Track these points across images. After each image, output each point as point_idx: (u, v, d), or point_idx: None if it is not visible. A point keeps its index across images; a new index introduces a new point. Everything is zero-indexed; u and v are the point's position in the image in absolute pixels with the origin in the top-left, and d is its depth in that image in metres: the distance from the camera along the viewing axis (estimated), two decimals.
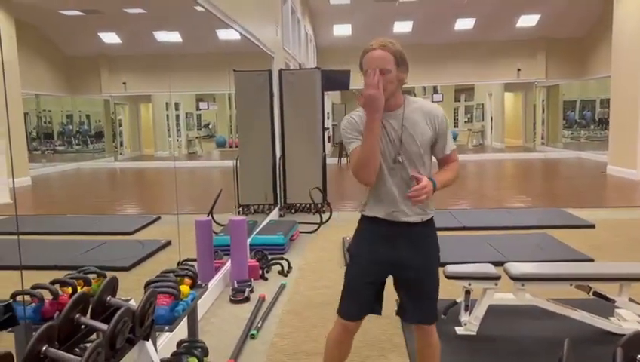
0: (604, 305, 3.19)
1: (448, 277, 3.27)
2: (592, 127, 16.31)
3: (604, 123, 14.51)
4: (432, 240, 2.14)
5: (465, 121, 26.00)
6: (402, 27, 15.88)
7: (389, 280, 2.17)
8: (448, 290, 3.75)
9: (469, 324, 3.18)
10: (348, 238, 5.46)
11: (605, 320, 3.13)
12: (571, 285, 3.16)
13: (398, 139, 2.00)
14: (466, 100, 26.01)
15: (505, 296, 3.24)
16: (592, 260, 4.61)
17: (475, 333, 3.15)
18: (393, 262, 2.08)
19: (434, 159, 2.13)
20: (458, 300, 3.29)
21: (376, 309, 2.16)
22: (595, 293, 3.16)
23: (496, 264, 3.38)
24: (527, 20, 15.44)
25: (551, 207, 7.27)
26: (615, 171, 10.61)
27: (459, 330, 3.21)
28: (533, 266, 3.45)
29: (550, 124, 17.63)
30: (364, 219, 2.14)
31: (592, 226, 6.01)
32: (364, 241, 2.13)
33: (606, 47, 12.12)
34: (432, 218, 2.12)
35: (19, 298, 1.97)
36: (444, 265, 3.40)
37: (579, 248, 4.99)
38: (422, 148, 2.02)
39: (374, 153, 1.95)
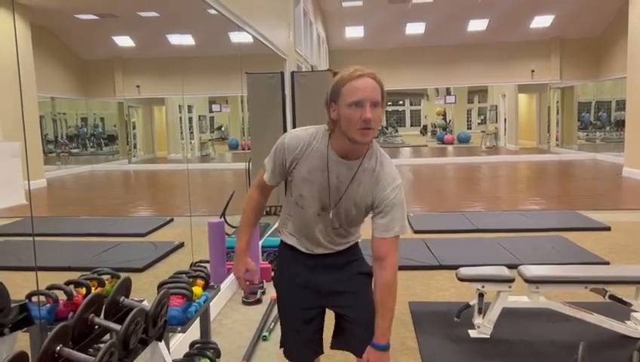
0: (620, 309, 3.14)
1: (461, 279, 3.25)
2: (607, 128, 16.12)
3: (620, 124, 14.32)
4: (358, 263, 1.88)
5: (478, 123, 25.90)
6: (415, 29, 15.84)
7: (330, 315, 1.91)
8: (462, 293, 3.73)
9: (482, 327, 3.15)
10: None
11: (621, 324, 3.09)
12: (586, 288, 3.12)
13: (338, 191, 1.70)
14: (479, 102, 25.91)
15: (519, 298, 3.21)
16: (607, 263, 4.56)
17: (488, 336, 3.12)
18: (320, 291, 1.83)
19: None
20: (471, 303, 3.26)
21: (319, 350, 1.91)
22: (611, 296, 3.11)
23: (511, 266, 3.35)
24: (541, 21, 15.31)
25: (566, 210, 7.19)
26: (631, 173, 10.46)
27: (472, 333, 3.19)
28: (547, 269, 3.41)
29: (565, 125, 17.46)
30: (282, 245, 1.92)
31: (608, 229, 5.94)
32: (285, 273, 1.92)
33: (622, 47, 11.98)
34: (356, 243, 1.88)
35: (34, 298, 1.99)
36: (457, 267, 3.38)
37: (594, 251, 4.94)
38: (359, 211, 1.73)
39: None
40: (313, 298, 1.84)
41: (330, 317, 1.91)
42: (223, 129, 21.98)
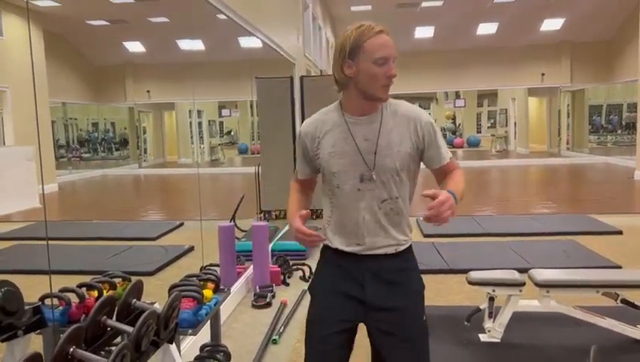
0: (633, 313, 3.11)
1: (472, 283, 3.23)
2: (618, 131, 16.00)
3: (631, 127, 14.23)
4: (411, 275, 1.69)
5: (488, 127, 25.79)
6: (424, 33, 15.83)
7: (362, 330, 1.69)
8: (472, 297, 3.72)
9: (493, 331, 3.13)
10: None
11: (633, 329, 3.05)
12: (598, 292, 3.10)
13: (370, 151, 1.59)
14: (489, 105, 25.81)
15: (530, 302, 3.19)
16: (619, 267, 4.52)
17: (499, 340, 3.11)
18: (364, 304, 1.62)
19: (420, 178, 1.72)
20: (482, 307, 3.25)
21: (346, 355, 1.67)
22: (623, 301, 3.09)
23: (521, 270, 3.33)
24: (551, 24, 15.24)
25: (577, 213, 7.13)
26: None
27: (483, 337, 3.17)
28: (558, 273, 3.38)
29: (575, 128, 17.35)
30: (326, 250, 1.71)
31: (620, 232, 5.88)
32: (327, 278, 1.69)
33: (633, 50, 11.89)
34: (409, 246, 1.69)
35: (47, 301, 2.02)
36: (467, 271, 3.37)
37: (606, 255, 4.89)
38: (398, 163, 1.58)
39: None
40: (354, 310, 1.63)
41: (363, 341, 1.71)
42: (232, 133, 22.09)
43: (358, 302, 1.62)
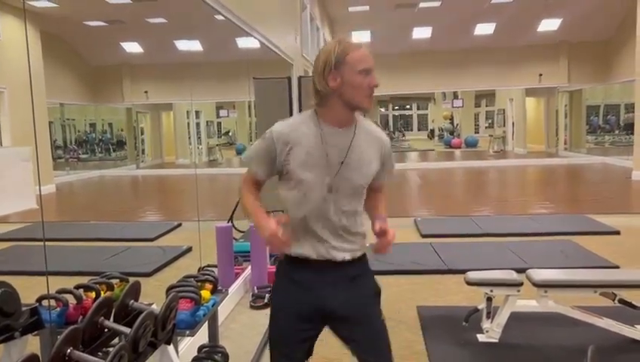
0: (630, 313, 3.12)
1: (470, 283, 3.23)
2: (616, 131, 16.04)
3: (629, 128, 14.24)
4: (367, 280, 1.77)
5: (486, 127, 25.81)
6: (421, 33, 15.85)
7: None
8: (470, 297, 3.72)
9: (491, 331, 3.14)
10: (368, 245, 5.44)
11: (631, 328, 3.06)
12: (596, 292, 3.10)
13: (339, 163, 1.64)
14: (486, 106, 25.84)
15: (527, 302, 3.19)
16: (617, 267, 4.53)
17: (497, 341, 3.11)
18: (324, 314, 1.70)
19: None
20: (480, 307, 3.25)
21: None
22: (621, 301, 3.09)
23: (519, 270, 3.33)
24: (549, 24, 15.27)
25: (575, 214, 7.15)
26: None
27: (481, 337, 3.17)
28: (556, 273, 3.39)
29: (573, 129, 17.38)
30: (286, 260, 1.74)
31: (617, 233, 5.90)
32: (287, 290, 1.74)
33: (630, 50, 11.92)
34: (364, 254, 1.77)
35: (44, 302, 2.01)
36: (465, 271, 3.38)
37: (603, 255, 4.90)
38: (364, 181, 1.69)
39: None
40: (316, 322, 1.73)
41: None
42: (230, 134, 22.07)
43: (319, 313, 1.70)
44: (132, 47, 14.36)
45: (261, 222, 1.64)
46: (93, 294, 2.15)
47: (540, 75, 16.43)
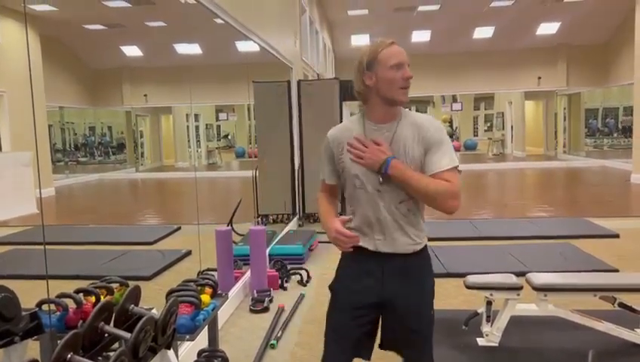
0: (630, 317, 3.12)
1: (469, 287, 3.24)
2: (615, 135, 16.06)
3: (627, 131, 14.26)
4: (425, 273, 1.85)
5: (485, 130, 25.78)
6: (420, 36, 15.88)
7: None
8: (470, 301, 3.72)
9: (490, 335, 3.14)
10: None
11: (631, 332, 3.06)
12: (595, 296, 3.10)
13: None
14: (485, 109, 25.82)
15: (527, 306, 3.19)
16: (616, 270, 4.53)
17: (497, 344, 3.11)
18: (381, 302, 1.80)
19: None
20: (479, 311, 3.25)
21: (365, 354, 1.86)
22: (621, 304, 3.09)
23: (519, 274, 3.33)
24: (547, 28, 15.31)
25: (574, 217, 7.15)
26: None
27: (480, 341, 3.17)
28: (556, 276, 3.39)
29: (572, 132, 17.40)
30: (346, 252, 1.83)
31: (617, 236, 5.90)
32: (347, 278, 1.84)
33: (629, 53, 11.95)
34: (424, 247, 1.83)
35: (44, 307, 2.01)
36: (464, 275, 3.38)
37: (603, 258, 4.91)
38: (412, 166, 1.72)
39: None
40: (371, 314, 1.81)
41: None
42: (229, 137, 22.05)
43: (375, 302, 1.79)
44: (131, 51, 14.36)
45: (327, 224, 1.80)
46: (93, 298, 2.15)
47: (539, 78, 16.46)
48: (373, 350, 1.90)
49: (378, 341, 1.91)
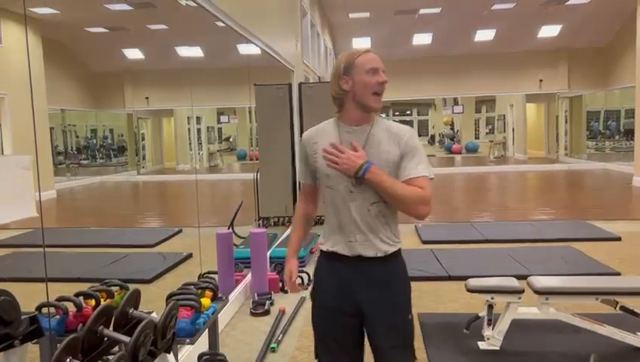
0: (632, 321, 3.11)
1: (470, 290, 3.23)
2: (617, 137, 16.03)
3: (629, 133, 14.23)
4: (397, 279, 1.83)
5: (486, 133, 25.80)
6: (422, 39, 15.89)
7: None
8: (471, 304, 3.71)
9: (492, 339, 3.13)
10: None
11: (633, 336, 3.05)
12: (597, 299, 3.09)
13: None
14: (487, 111, 25.84)
15: (529, 310, 3.19)
16: (618, 274, 4.51)
17: (498, 348, 3.10)
18: (359, 306, 1.79)
19: None
20: (481, 314, 3.24)
21: (358, 356, 1.87)
22: (622, 308, 3.08)
23: (520, 277, 3.33)
24: (549, 31, 15.30)
25: (575, 220, 7.14)
26: None
27: (482, 345, 3.16)
28: (557, 280, 3.38)
29: (573, 134, 17.38)
30: (322, 256, 1.88)
31: (618, 239, 5.88)
32: (325, 284, 1.86)
33: (630, 56, 11.94)
34: (398, 250, 1.82)
35: (44, 310, 2.01)
36: (466, 278, 3.37)
37: (604, 261, 4.89)
38: (387, 168, 1.73)
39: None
40: (350, 317, 1.81)
41: None
42: (231, 140, 22.08)
43: (352, 306, 1.79)
44: (133, 54, 14.39)
45: (287, 260, 1.96)
46: (93, 302, 2.15)
47: (541, 80, 16.45)
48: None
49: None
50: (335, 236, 1.80)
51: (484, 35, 15.55)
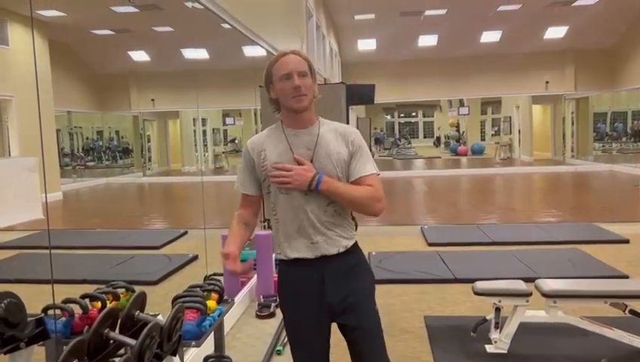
0: None
1: (478, 293, 3.20)
2: (623, 139, 15.95)
3: (636, 135, 14.18)
4: (362, 269, 1.85)
5: (492, 134, 25.75)
6: (427, 41, 15.86)
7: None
8: (478, 307, 3.69)
9: (499, 342, 3.10)
10: (374, 253, 5.43)
11: None
12: (606, 302, 3.06)
13: (310, 159, 1.74)
14: (493, 113, 25.79)
15: (536, 313, 3.16)
16: (626, 276, 4.47)
17: (505, 352, 3.07)
18: (327, 306, 1.79)
19: None
20: (488, 317, 3.21)
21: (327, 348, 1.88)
22: (631, 311, 3.05)
23: (527, 280, 3.30)
24: (555, 32, 15.25)
25: (582, 222, 7.09)
26: None
27: (489, 348, 3.13)
28: (565, 283, 3.35)
29: (580, 136, 17.30)
30: (283, 265, 1.84)
31: (626, 241, 5.84)
32: (290, 295, 1.84)
33: (637, 57, 11.90)
34: (356, 243, 1.84)
35: (50, 312, 2.00)
36: (473, 281, 3.34)
37: (612, 264, 4.85)
38: (338, 168, 1.75)
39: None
40: (324, 314, 1.80)
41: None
42: (236, 142, 22.10)
43: (322, 307, 1.78)
44: (139, 56, 14.44)
45: (227, 242, 1.81)
46: (99, 304, 2.14)
47: (547, 82, 16.40)
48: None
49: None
50: (294, 241, 1.77)
51: (490, 36, 15.52)
